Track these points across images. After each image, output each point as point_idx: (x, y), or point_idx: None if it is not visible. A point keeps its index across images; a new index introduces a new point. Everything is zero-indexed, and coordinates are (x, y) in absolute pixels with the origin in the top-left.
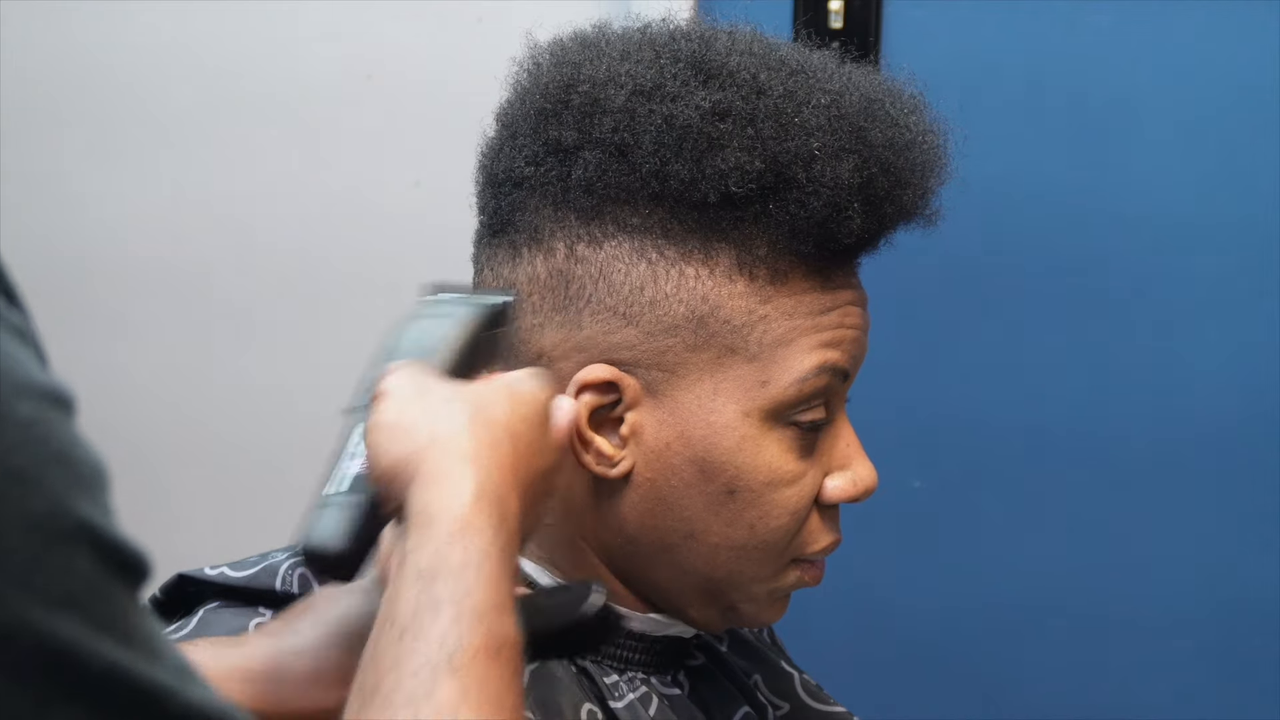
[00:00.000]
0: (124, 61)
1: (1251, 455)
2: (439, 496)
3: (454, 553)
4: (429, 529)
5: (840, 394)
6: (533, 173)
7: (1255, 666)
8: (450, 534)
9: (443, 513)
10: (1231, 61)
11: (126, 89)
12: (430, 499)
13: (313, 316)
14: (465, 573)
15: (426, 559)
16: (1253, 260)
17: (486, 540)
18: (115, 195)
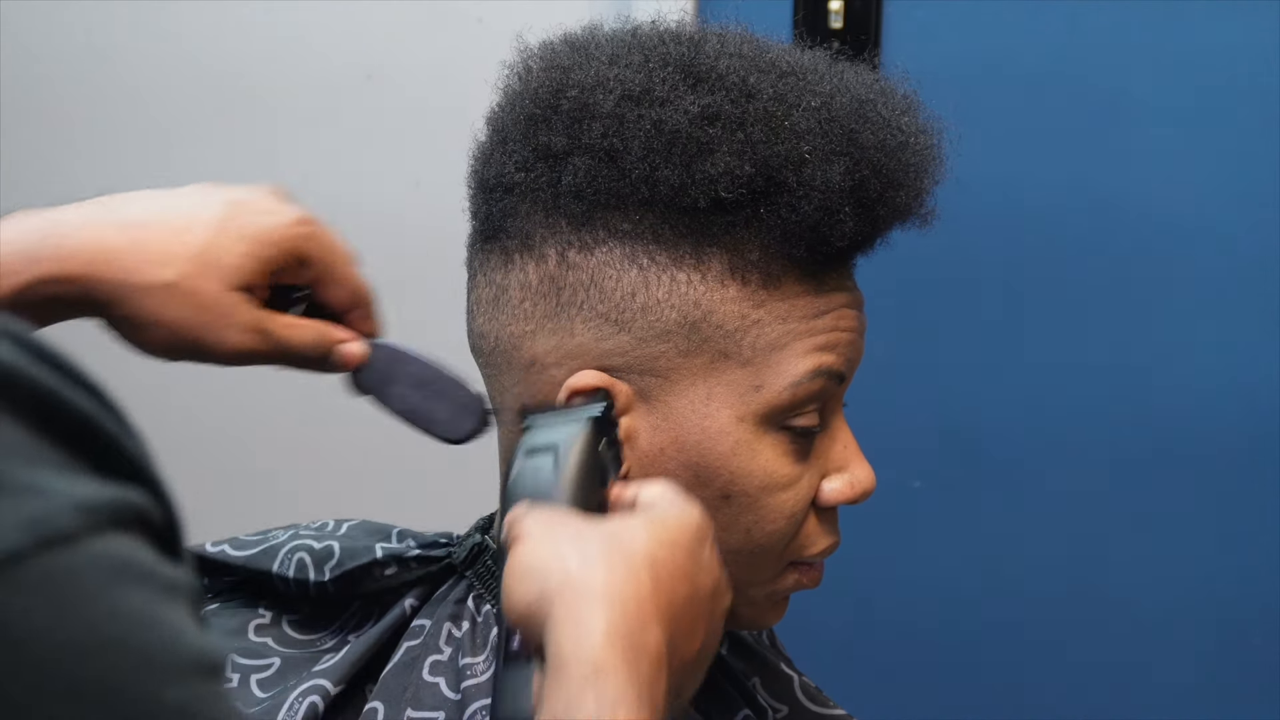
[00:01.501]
0: (124, 61)
1: (1252, 455)
2: (570, 636)
3: (587, 700)
4: (562, 672)
5: (836, 397)
6: (523, 178)
7: (1256, 665)
8: (583, 677)
9: (574, 653)
10: (1231, 61)
11: (126, 89)
12: (562, 641)
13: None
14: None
15: (561, 708)
16: (1252, 260)
17: (622, 681)
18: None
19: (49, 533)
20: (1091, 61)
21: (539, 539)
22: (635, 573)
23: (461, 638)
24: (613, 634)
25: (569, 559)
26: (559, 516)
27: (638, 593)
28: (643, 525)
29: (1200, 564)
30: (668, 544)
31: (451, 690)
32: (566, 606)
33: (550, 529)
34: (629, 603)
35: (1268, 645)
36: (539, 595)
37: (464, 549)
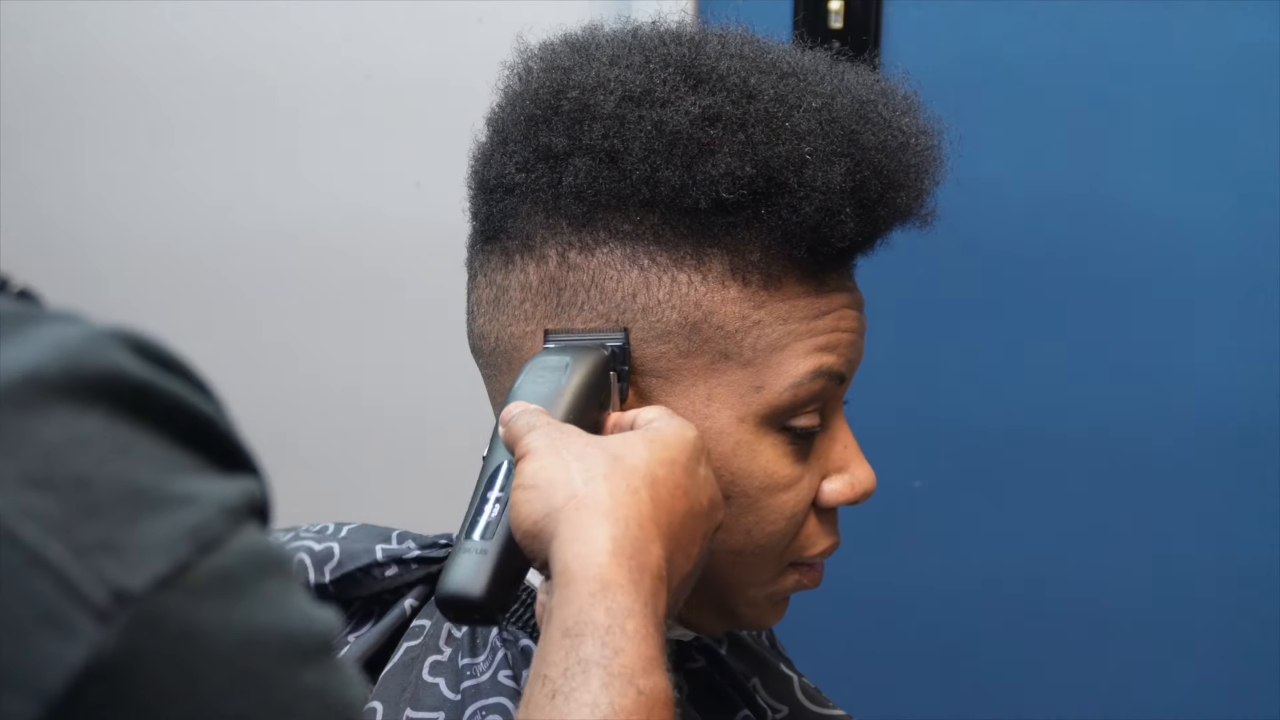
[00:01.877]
0: (124, 61)
1: (1252, 455)
2: (577, 554)
3: (597, 612)
4: (571, 587)
5: (836, 398)
6: (524, 179)
7: (1256, 665)
8: (591, 593)
9: (582, 570)
10: (1231, 61)
11: (126, 88)
12: (569, 556)
13: (313, 316)
14: (611, 633)
15: (572, 618)
16: (1252, 259)
17: (629, 596)
18: (115, 195)
19: (207, 538)
20: (1091, 61)
21: (545, 455)
22: (636, 491)
23: (461, 638)
24: (617, 551)
25: (575, 478)
26: (563, 432)
27: (639, 511)
28: (643, 443)
29: (1201, 564)
30: (667, 462)
31: (451, 690)
32: (572, 524)
33: (555, 445)
34: (631, 521)
35: (1268, 645)
36: (546, 512)
37: None
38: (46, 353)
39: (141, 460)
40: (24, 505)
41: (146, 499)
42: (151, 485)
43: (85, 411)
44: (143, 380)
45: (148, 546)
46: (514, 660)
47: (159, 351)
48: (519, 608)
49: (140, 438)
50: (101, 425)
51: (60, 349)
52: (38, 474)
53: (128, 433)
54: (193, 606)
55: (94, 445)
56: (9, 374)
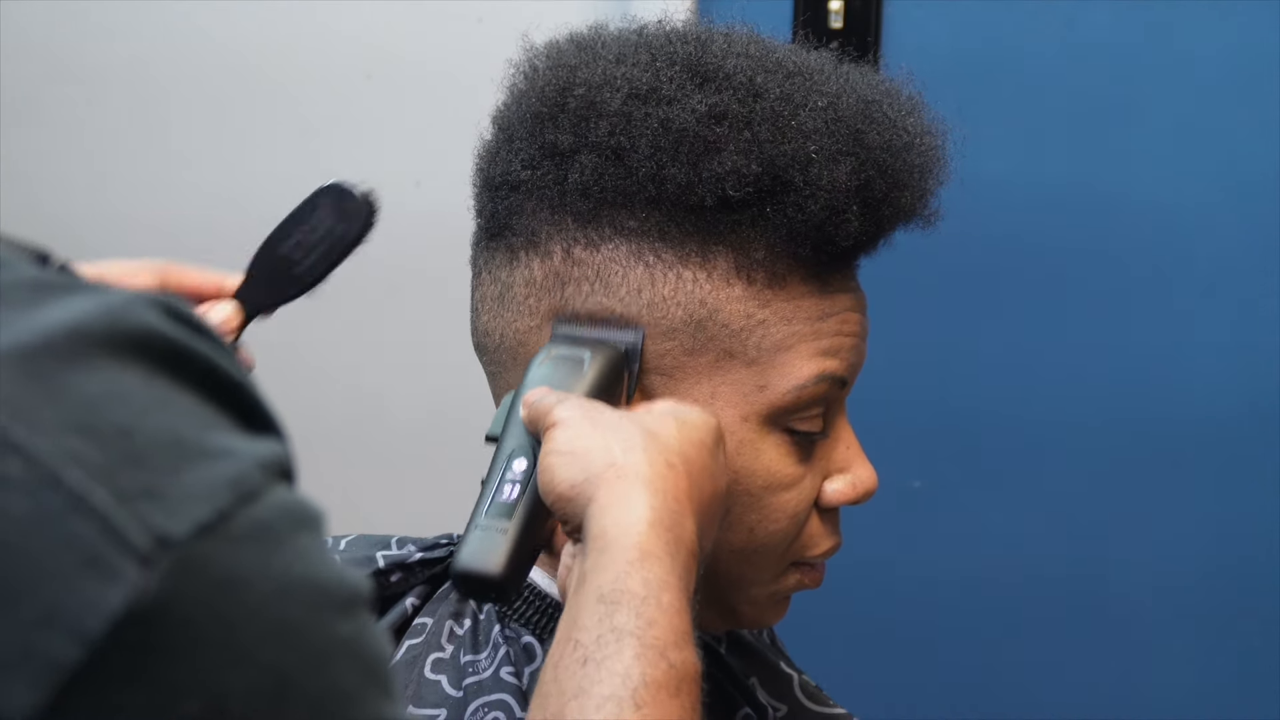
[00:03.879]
0: (124, 59)
1: (1253, 454)
2: (616, 521)
3: (634, 581)
4: (607, 553)
5: (838, 401)
6: (529, 176)
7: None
8: (629, 561)
9: (621, 537)
10: (1231, 61)
11: (126, 87)
12: (608, 523)
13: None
14: (647, 604)
15: (608, 584)
16: (1252, 256)
17: (665, 569)
18: (114, 193)
19: (246, 490)
20: (1092, 61)
21: (580, 423)
22: (673, 466)
23: (463, 635)
24: (656, 522)
25: (613, 447)
26: (593, 404)
27: (676, 485)
28: (674, 422)
29: (1201, 564)
30: (696, 443)
31: (453, 688)
32: (612, 491)
33: (589, 415)
34: (669, 494)
35: (1269, 645)
36: (584, 478)
37: None
38: (90, 310)
39: (181, 414)
40: (69, 450)
41: (188, 450)
42: (192, 437)
43: (126, 366)
44: (180, 341)
45: (190, 495)
46: (516, 657)
47: (193, 317)
48: (521, 605)
49: (178, 394)
50: (142, 380)
51: (102, 307)
52: (82, 421)
53: (166, 388)
54: (232, 554)
55: (136, 397)
56: (53, 328)
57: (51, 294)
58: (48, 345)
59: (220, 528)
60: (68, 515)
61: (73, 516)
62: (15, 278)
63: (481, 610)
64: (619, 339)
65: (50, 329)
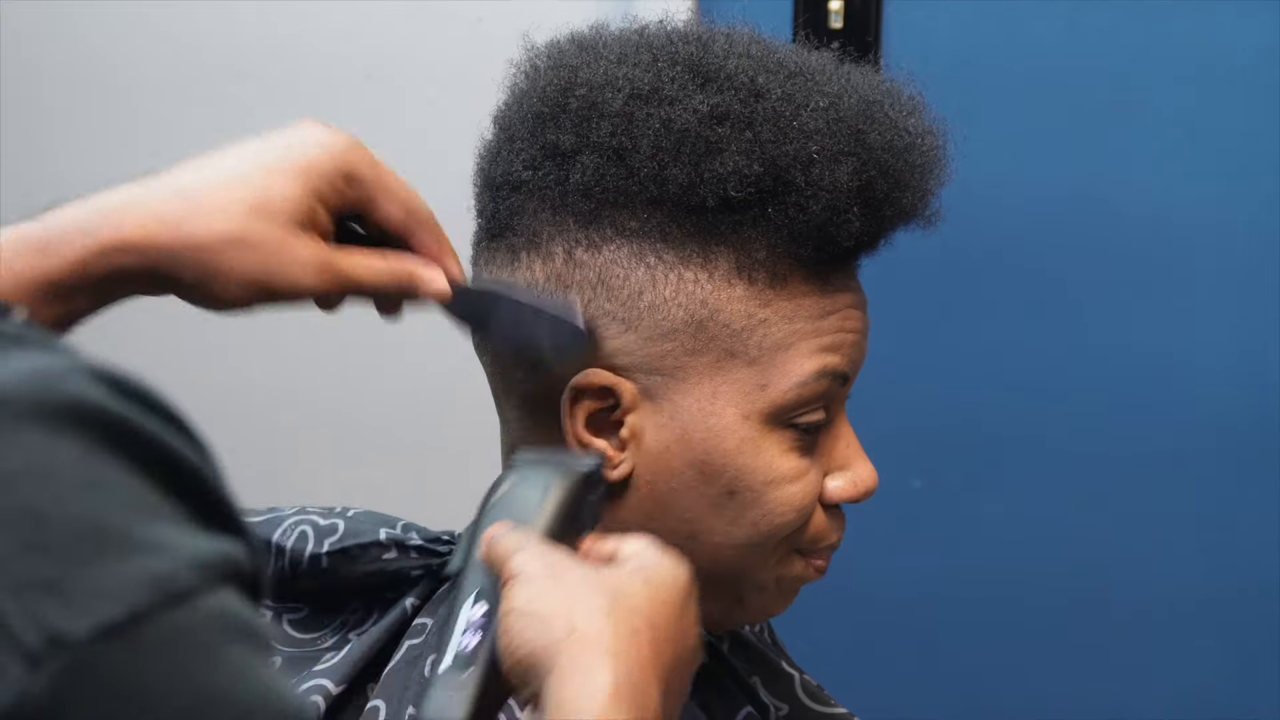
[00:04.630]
0: (123, 60)
1: (1253, 453)
2: (577, 693)
3: None
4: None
5: (840, 397)
6: (530, 177)
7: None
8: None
9: (578, 711)
10: (1232, 61)
11: (125, 88)
12: (567, 695)
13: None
14: None
15: None
16: (1253, 257)
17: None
18: None
19: (172, 591)
20: (1091, 61)
21: (541, 582)
22: (637, 633)
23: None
24: (618, 694)
25: (576, 611)
26: (557, 558)
27: (640, 654)
28: (641, 583)
29: (1202, 563)
30: (663, 604)
31: None
32: (573, 661)
33: (552, 572)
34: (633, 664)
35: (1269, 645)
36: (544, 644)
37: None
38: (20, 375)
39: (111, 498)
40: None
41: (109, 540)
42: (117, 526)
43: (58, 439)
44: (125, 418)
45: (99, 591)
46: None
47: (146, 393)
48: None
49: (115, 475)
50: (75, 456)
51: (35, 374)
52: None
53: (101, 467)
54: (140, 661)
55: (58, 475)
56: None
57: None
58: None
59: (130, 631)
60: None
61: None
62: None
63: None
64: (579, 464)
65: None
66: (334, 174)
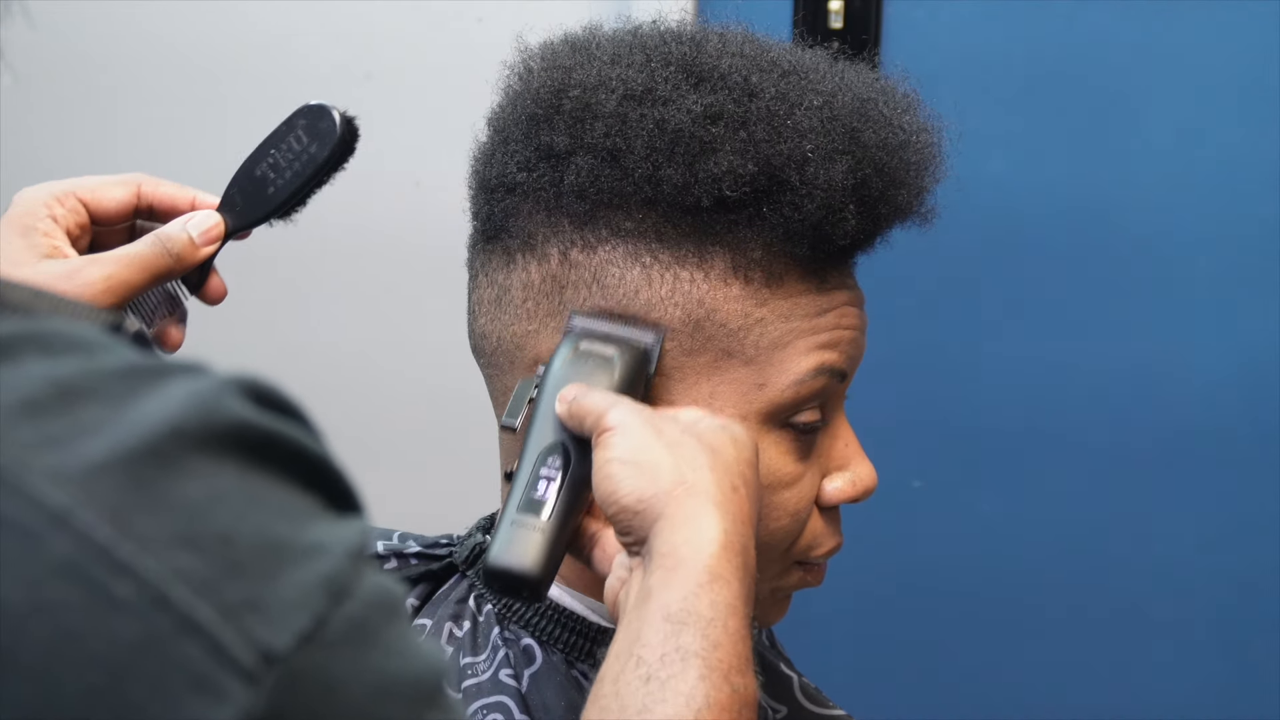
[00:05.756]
0: (123, 60)
1: (1251, 454)
2: (688, 540)
3: (702, 603)
4: (676, 572)
5: (838, 395)
6: (525, 178)
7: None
8: (699, 583)
9: (691, 558)
10: (1231, 61)
11: (125, 88)
12: (679, 542)
13: (312, 315)
14: (713, 626)
15: (675, 604)
16: (1252, 257)
17: (733, 593)
18: None
19: (339, 588)
20: (1091, 61)
21: (644, 434)
22: (737, 489)
23: (462, 637)
24: (727, 545)
25: (681, 462)
26: (653, 412)
27: (740, 508)
28: (729, 441)
29: (1202, 564)
30: (747, 463)
31: (452, 690)
32: (682, 509)
33: (653, 425)
34: (737, 517)
35: (1269, 645)
36: (652, 493)
37: (465, 549)
38: (184, 406)
39: (274, 511)
40: (174, 566)
41: (283, 551)
42: (286, 536)
43: (221, 464)
44: (268, 429)
45: (289, 602)
46: (515, 659)
47: (278, 397)
48: (521, 608)
49: (270, 487)
50: (236, 478)
51: (195, 401)
52: (185, 532)
53: (259, 483)
54: (331, 660)
55: (232, 499)
56: (152, 429)
57: (142, 384)
58: (149, 450)
59: (318, 634)
60: (177, 636)
61: (181, 638)
62: (103, 367)
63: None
64: (640, 338)
65: (149, 430)
66: (41, 207)
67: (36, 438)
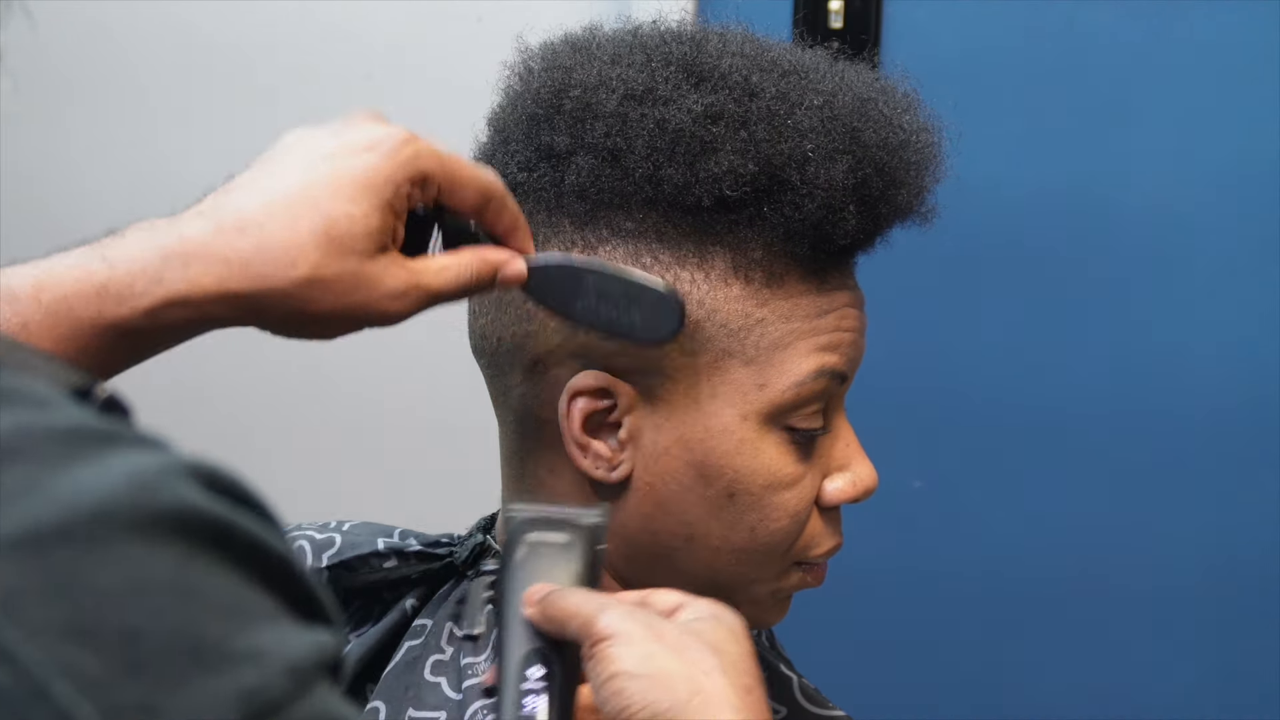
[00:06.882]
0: (122, 60)
1: (1254, 451)
2: None
3: None
4: None
5: (838, 397)
6: (526, 178)
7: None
8: None
9: None
10: (1230, 61)
11: (124, 88)
12: None
13: None
14: None
15: None
16: (1251, 254)
17: None
18: (112, 193)
19: (260, 704)
20: (1090, 60)
21: (647, 642)
22: (750, 689)
23: (462, 638)
24: None
25: (694, 670)
26: (648, 615)
27: (756, 710)
28: (728, 636)
29: (1203, 563)
30: (748, 655)
31: (453, 690)
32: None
33: (653, 631)
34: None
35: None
36: (668, 706)
37: (466, 549)
38: (120, 482)
39: (208, 609)
40: (63, 659)
41: (204, 654)
42: (213, 639)
43: (156, 550)
44: (219, 517)
45: (191, 712)
46: None
47: (238, 487)
48: None
49: (213, 580)
50: (170, 568)
51: (133, 480)
52: (85, 624)
53: (200, 575)
54: None
55: (155, 591)
56: (76, 506)
57: (83, 449)
58: (64, 530)
59: None
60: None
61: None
62: (45, 424)
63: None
64: (586, 518)
65: (73, 506)
66: (403, 183)
67: None
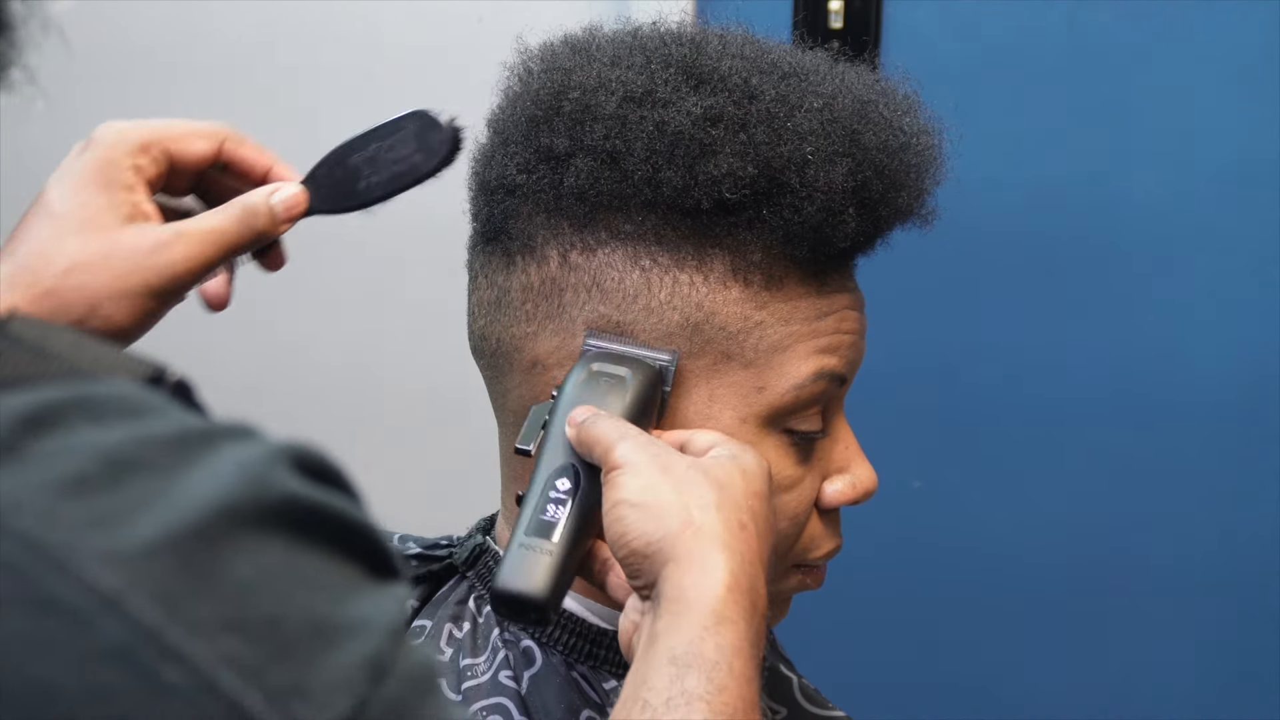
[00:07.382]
0: (122, 60)
1: (1254, 450)
2: (695, 584)
3: (708, 646)
4: (682, 616)
5: (838, 399)
6: (525, 180)
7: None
8: (705, 626)
9: (697, 601)
10: (1230, 60)
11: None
12: (685, 585)
13: (311, 316)
14: (719, 669)
15: (681, 647)
16: (1251, 252)
17: (739, 634)
18: None
19: (379, 667)
20: (1091, 61)
21: (651, 473)
22: (745, 526)
23: (462, 639)
24: (734, 586)
25: (689, 502)
26: (661, 448)
27: (748, 546)
28: (738, 474)
29: (1203, 563)
30: (756, 495)
31: (452, 691)
32: (690, 554)
33: (660, 463)
34: (744, 556)
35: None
36: (660, 536)
37: (465, 550)
38: (235, 481)
39: (318, 587)
40: (223, 651)
41: (327, 631)
42: (330, 614)
43: (268, 541)
44: (315, 501)
45: (332, 685)
46: (515, 661)
47: (323, 466)
48: None
49: (315, 562)
50: (283, 554)
51: (245, 476)
52: (234, 616)
53: (304, 559)
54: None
55: (279, 578)
56: (203, 508)
57: (192, 453)
58: (199, 530)
59: (358, 717)
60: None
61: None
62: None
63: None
64: (655, 358)
65: (200, 509)
66: (121, 158)
67: (86, 516)
